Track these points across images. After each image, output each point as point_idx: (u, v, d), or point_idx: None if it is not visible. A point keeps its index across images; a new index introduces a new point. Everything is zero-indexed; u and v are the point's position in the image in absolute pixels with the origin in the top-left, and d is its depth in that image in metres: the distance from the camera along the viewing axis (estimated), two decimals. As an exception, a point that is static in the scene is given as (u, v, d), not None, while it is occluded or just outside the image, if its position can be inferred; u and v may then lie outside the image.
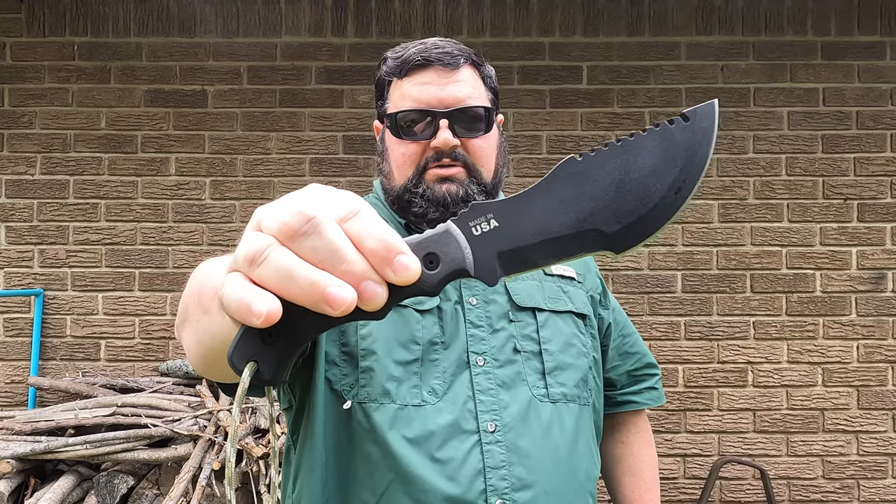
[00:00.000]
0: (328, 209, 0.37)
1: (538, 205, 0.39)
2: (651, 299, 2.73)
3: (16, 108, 2.75)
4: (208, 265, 0.63)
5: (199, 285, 0.58)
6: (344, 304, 0.35)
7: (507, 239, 0.39)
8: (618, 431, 1.18)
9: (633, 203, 0.39)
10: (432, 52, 0.92)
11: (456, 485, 0.83)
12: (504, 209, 0.39)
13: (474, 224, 0.39)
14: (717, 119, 0.40)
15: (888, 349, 2.70)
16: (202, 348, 0.58)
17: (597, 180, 0.39)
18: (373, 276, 0.37)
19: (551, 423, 0.89)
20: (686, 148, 0.39)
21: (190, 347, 0.61)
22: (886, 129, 2.74)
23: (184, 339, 0.63)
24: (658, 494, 1.15)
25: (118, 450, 2.23)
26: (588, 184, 0.39)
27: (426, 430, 0.85)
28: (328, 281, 0.35)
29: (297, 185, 2.74)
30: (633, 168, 0.39)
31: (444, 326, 0.91)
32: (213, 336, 0.54)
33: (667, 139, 0.39)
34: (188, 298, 0.62)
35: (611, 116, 2.77)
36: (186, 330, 0.62)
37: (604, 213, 0.39)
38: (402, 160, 0.95)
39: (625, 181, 0.39)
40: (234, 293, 0.36)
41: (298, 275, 0.36)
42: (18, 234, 2.73)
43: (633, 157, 0.39)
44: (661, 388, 1.19)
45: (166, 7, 2.76)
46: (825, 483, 2.67)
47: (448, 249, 0.38)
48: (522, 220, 0.39)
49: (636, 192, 0.39)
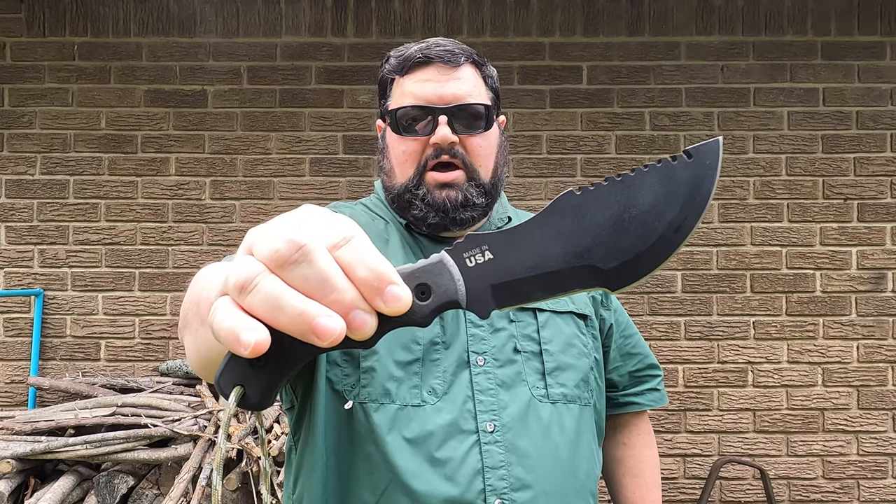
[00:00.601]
0: (320, 236, 0.37)
1: (535, 238, 0.38)
2: (651, 299, 2.73)
3: (16, 108, 2.75)
4: (207, 272, 0.63)
5: (197, 295, 0.59)
6: (332, 335, 0.35)
7: (501, 271, 0.38)
8: (619, 433, 1.17)
9: (632, 240, 0.38)
10: (434, 50, 0.93)
11: (454, 485, 0.83)
12: (499, 241, 0.38)
13: (468, 255, 0.38)
14: (721, 156, 0.39)
15: (888, 349, 2.70)
16: (200, 357, 0.59)
17: (595, 215, 0.38)
18: (363, 306, 0.36)
19: (551, 424, 0.89)
20: (688, 185, 0.38)
21: (190, 353, 0.63)
22: (886, 129, 2.74)
23: (185, 343, 0.65)
24: (660, 496, 1.15)
25: (118, 450, 2.23)
26: (586, 218, 0.38)
27: (425, 430, 0.85)
28: (317, 311, 0.35)
29: (297, 185, 2.75)
30: (632, 204, 0.38)
31: (445, 326, 0.91)
32: (209, 347, 0.54)
33: (668, 176, 0.38)
34: (188, 305, 0.62)
35: (611, 116, 2.77)
36: (186, 336, 0.63)
37: (601, 249, 0.38)
38: (403, 157, 0.95)
39: (623, 217, 0.38)
40: (224, 321, 0.36)
41: (287, 304, 0.35)
42: (18, 234, 2.73)
43: (633, 193, 0.38)
44: (664, 389, 1.19)
45: (166, 7, 2.76)
46: (825, 483, 2.67)
47: (441, 280, 0.38)
48: (518, 252, 0.38)
49: (635, 229, 0.38)
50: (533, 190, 2.75)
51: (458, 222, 0.95)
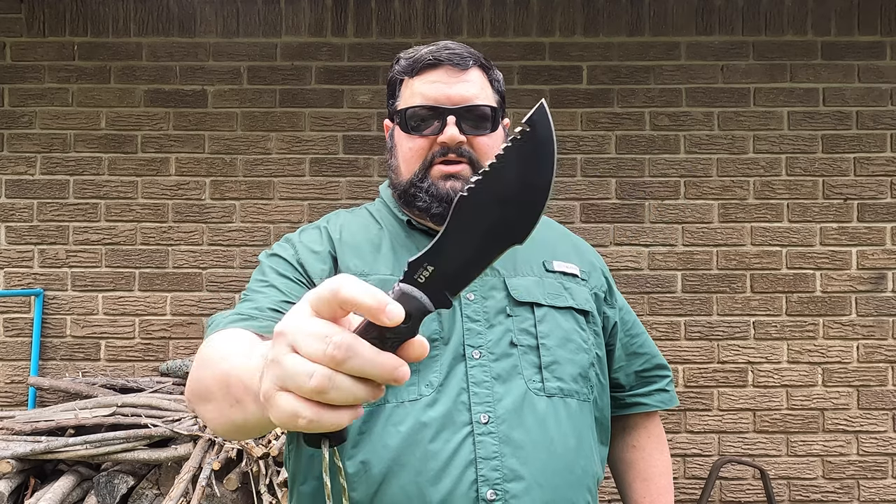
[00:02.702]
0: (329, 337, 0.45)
1: (454, 241, 0.49)
2: (651, 299, 2.73)
3: (16, 108, 2.75)
4: (222, 348, 0.70)
5: (224, 375, 0.65)
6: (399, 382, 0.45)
7: (444, 274, 0.49)
8: (629, 435, 1.16)
9: (516, 207, 0.49)
10: (443, 53, 0.96)
11: (447, 475, 0.84)
12: (432, 255, 0.49)
13: (417, 275, 0.48)
14: (550, 117, 0.49)
15: (888, 349, 2.70)
16: (234, 427, 0.66)
17: (485, 204, 0.49)
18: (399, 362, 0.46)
19: (546, 417, 0.90)
20: (537, 150, 0.49)
21: (216, 421, 0.69)
22: (886, 129, 2.74)
23: (205, 413, 0.70)
24: (671, 501, 1.12)
25: (118, 450, 2.23)
26: (480, 209, 0.49)
27: (419, 422, 0.86)
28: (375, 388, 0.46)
29: (297, 185, 2.75)
30: (506, 183, 0.49)
31: (443, 322, 0.93)
32: (246, 419, 0.62)
33: (521, 150, 0.48)
34: (210, 383, 0.68)
35: (611, 116, 2.77)
36: (210, 409, 0.69)
37: (499, 224, 0.49)
38: (410, 154, 0.98)
39: (504, 195, 0.49)
40: (316, 418, 0.45)
41: (359, 392, 0.45)
42: (18, 234, 2.73)
43: (503, 175, 0.49)
44: (674, 390, 1.17)
45: (166, 7, 2.76)
46: (825, 483, 2.68)
47: (412, 304, 0.47)
48: (448, 256, 0.49)
49: (515, 198, 0.49)
50: (533, 190, 2.75)
51: None
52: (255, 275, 0.98)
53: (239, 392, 0.61)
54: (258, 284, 0.94)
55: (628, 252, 2.74)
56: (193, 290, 2.72)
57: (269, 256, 1.00)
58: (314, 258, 0.97)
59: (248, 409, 0.59)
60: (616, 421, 1.12)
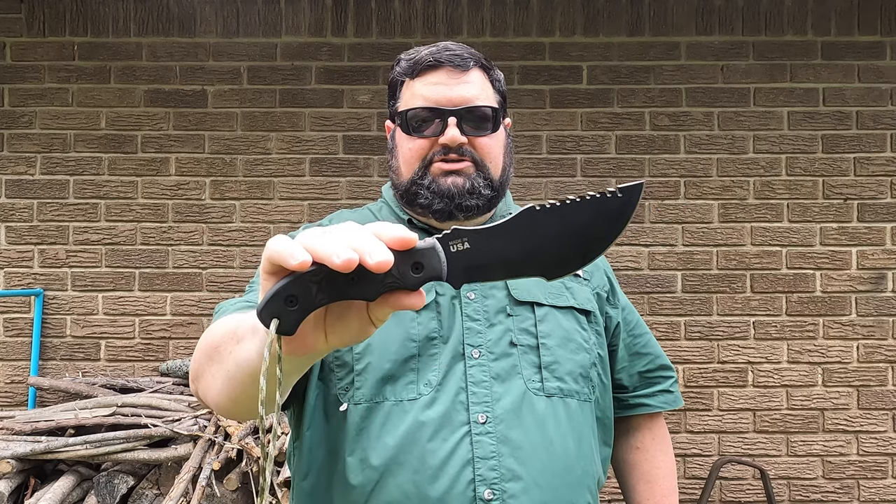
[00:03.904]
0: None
1: (501, 237, 0.51)
2: (651, 299, 2.73)
3: (16, 108, 2.75)
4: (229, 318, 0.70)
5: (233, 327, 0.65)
6: (371, 262, 0.45)
7: (474, 258, 0.50)
8: (633, 437, 1.15)
9: (567, 247, 0.52)
10: (444, 54, 0.96)
11: (444, 474, 0.84)
12: (476, 236, 0.50)
13: (453, 243, 0.50)
14: (641, 196, 0.53)
15: (888, 349, 2.70)
16: (228, 380, 0.65)
17: (545, 227, 0.51)
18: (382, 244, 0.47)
19: (546, 417, 0.90)
20: (613, 214, 0.52)
21: (213, 383, 0.68)
22: (886, 129, 2.74)
23: (206, 379, 0.70)
24: (675, 503, 1.11)
25: (118, 450, 2.23)
26: (539, 228, 0.51)
27: (417, 421, 0.86)
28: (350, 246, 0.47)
29: (297, 185, 2.75)
30: (573, 223, 0.51)
31: (443, 321, 0.93)
32: (238, 364, 0.61)
33: (601, 205, 0.51)
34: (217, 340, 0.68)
35: (611, 116, 2.77)
36: (213, 366, 0.68)
37: (545, 251, 0.51)
38: (410, 154, 0.98)
39: (565, 231, 0.51)
40: (279, 245, 0.46)
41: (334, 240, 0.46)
42: (18, 234, 2.73)
43: (575, 215, 0.51)
44: (678, 391, 1.15)
45: (166, 7, 2.76)
46: (825, 483, 2.68)
47: (431, 262, 0.49)
48: (488, 246, 0.51)
49: (570, 240, 0.52)
50: (533, 190, 2.75)
51: (463, 209, 0.96)
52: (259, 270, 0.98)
53: (242, 332, 0.61)
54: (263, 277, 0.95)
55: (628, 252, 2.74)
56: (193, 290, 2.72)
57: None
58: None
59: (245, 344, 0.60)
60: (619, 422, 1.12)
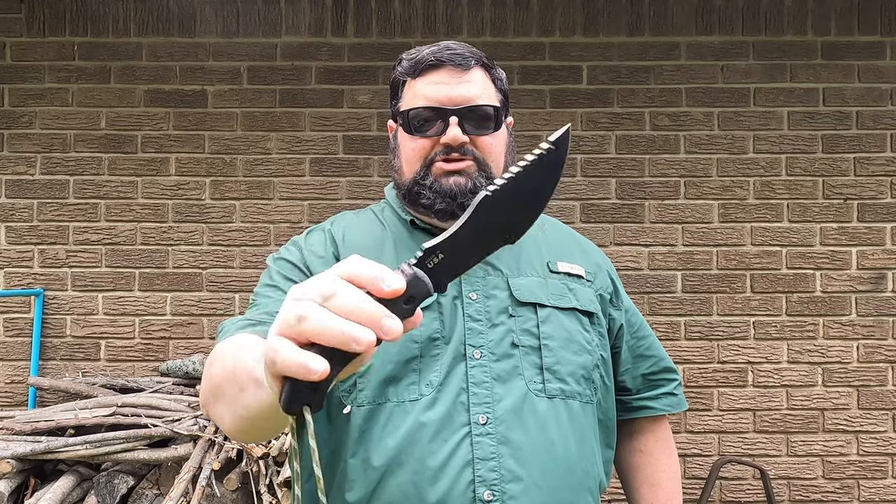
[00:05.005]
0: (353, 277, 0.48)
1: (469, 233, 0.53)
2: (651, 299, 2.73)
3: (16, 108, 2.75)
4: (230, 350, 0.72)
5: (230, 369, 0.68)
6: (387, 336, 0.46)
7: (452, 263, 0.53)
8: (636, 439, 1.14)
9: (523, 211, 0.56)
10: (445, 54, 0.96)
11: (444, 475, 0.84)
12: (448, 244, 0.52)
13: (428, 261, 0.52)
14: (569, 141, 0.57)
15: (888, 349, 2.70)
16: (238, 419, 0.68)
17: (502, 204, 0.54)
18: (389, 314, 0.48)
19: (547, 418, 0.90)
20: (553, 166, 0.56)
21: (224, 419, 0.71)
22: (886, 129, 2.74)
23: (218, 413, 0.73)
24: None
25: (118, 450, 2.23)
26: (496, 207, 0.54)
27: (418, 422, 0.86)
28: (360, 326, 0.46)
29: (297, 185, 2.75)
30: (523, 189, 0.55)
31: (444, 321, 0.93)
32: (246, 407, 0.64)
33: (543, 163, 0.55)
34: (219, 380, 0.71)
35: (611, 116, 2.77)
36: (220, 405, 0.71)
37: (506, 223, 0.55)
38: (412, 154, 0.98)
39: (519, 200, 0.55)
40: (291, 357, 0.45)
41: (338, 324, 0.46)
42: (18, 234, 2.73)
43: (524, 182, 0.55)
44: (682, 394, 1.15)
45: (166, 7, 2.76)
46: (825, 483, 2.67)
47: (419, 289, 0.50)
48: (459, 247, 0.53)
49: (525, 204, 0.56)
50: (533, 190, 2.75)
51: (465, 208, 0.95)
52: (263, 279, 0.99)
53: (243, 379, 0.63)
54: (266, 289, 0.95)
55: (628, 252, 2.74)
56: (193, 290, 2.72)
57: (277, 260, 1.01)
58: (320, 262, 0.97)
59: (250, 394, 0.62)
60: (622, 425, 1.11)
